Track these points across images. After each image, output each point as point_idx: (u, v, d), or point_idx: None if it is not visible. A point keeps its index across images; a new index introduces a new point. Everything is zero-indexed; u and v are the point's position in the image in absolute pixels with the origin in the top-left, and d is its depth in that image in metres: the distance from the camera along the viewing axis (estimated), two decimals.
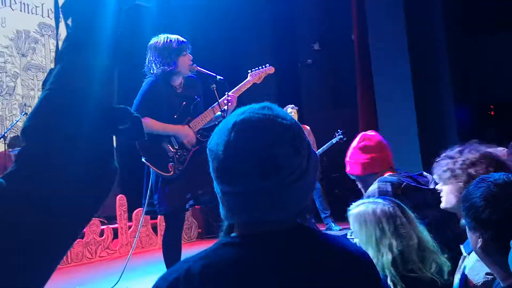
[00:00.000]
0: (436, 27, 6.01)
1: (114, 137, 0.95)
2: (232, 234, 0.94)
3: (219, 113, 3.41)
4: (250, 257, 0.88)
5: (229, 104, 3.33)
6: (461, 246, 1.64)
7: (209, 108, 3.43)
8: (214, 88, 3.36)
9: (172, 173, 3.20)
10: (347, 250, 0.96)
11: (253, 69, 3.66)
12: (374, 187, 2.10)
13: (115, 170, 0.88)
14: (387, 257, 1.62)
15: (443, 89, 6.00)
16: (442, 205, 1.83)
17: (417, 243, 1.64)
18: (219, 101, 3.33)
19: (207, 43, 8.80)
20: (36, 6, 8.55)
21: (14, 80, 8.08)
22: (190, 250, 5.35)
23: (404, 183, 2.06)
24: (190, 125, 3.35)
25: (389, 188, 2.01)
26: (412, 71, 5.82)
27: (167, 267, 3.27)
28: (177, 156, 3.25)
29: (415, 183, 2.10)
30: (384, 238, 1.64)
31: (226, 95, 3.37)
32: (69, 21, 0.95)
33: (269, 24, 9.27)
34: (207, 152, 0.95)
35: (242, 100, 3.43)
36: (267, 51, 9.34)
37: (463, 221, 1.40)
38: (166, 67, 3.25)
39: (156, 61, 3.28)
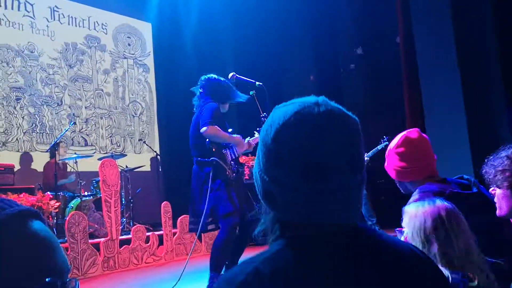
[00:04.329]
0: (485, 25, 5.80)
1: (158, 143, 0.89)
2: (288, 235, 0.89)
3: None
4: (319, 260, 0.83)
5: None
6: None
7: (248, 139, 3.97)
8: (254, 95, 3.49)
9: (231, 176, 3.67)
10: (412, 251, 0.91)
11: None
12: (415, 198, 1.95)
13: None
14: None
15: (494, 90, 5.76)
16: (498, 213, 1.71)
17: (462, 250, 1.56)
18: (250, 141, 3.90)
19: (249, 49, 8.84)
20: (83, 19, 8.83)
21: (62, 91, 8.36)
22: None
23: (447, 191, 1.92)
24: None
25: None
26: (461, 72, 5.62)
27: (214, 268, 3.45)
28: (231, 165, 3.72)
29: (458, 189, 1.95)
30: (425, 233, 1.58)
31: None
32: None
33: (310, 28, 9.21)
34: (271, 145, 0.87)
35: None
36: (308, 56, 9.29)
37: None
38: (220, 102, 3.83)
39: (223, 91, 3.85)
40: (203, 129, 3.63)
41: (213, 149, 3.66)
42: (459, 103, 5.62)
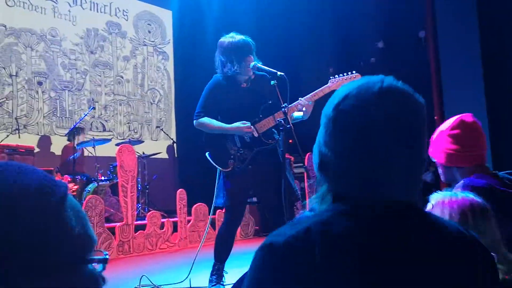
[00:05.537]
0: (510, 23, 5.69)
1: (175, 131, 0.88)
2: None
3: (298, 115, 3.46)
4: (370, 232, 0.84)
5: (304, 110, 3.39)
6: None
7: (276, 112, 3.43)
8: (276, 85, 3.40)
9: (230, 169, 3.37)
10: (460, 233, 0.90)
11: (336, 76, 3.61)
12: (457, 191, 1.81)
13: None
14: None
15: None
16: None
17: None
18: (285, 108, 3.26)
19: (269, 41, 8.79)
20: (104, 5, 8.88)
21: (83, 76, 8.44)
22: (246, 247, 5.36)
23: (494, 188, 1.80)
24: (256, 126, 3.43)
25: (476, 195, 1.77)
26: (484, 70, 5.53)
27: (216, 258, 3.44)
28: (238, 154, 3.41)
29: (504, 188, 1.83)
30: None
31: (298, 101, 3.40)
32: None
33: (332, 20, 9.13)
34: (331, 113, 0.90)
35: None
36: (328, 48, 9.21)
37: None
38: (230, 68, 3.40)
39: (222, 60, 3.42)
40: (194, 122, 3.43)
41: (208, 142, 3.43)
42: (481, 101, 5.54)
